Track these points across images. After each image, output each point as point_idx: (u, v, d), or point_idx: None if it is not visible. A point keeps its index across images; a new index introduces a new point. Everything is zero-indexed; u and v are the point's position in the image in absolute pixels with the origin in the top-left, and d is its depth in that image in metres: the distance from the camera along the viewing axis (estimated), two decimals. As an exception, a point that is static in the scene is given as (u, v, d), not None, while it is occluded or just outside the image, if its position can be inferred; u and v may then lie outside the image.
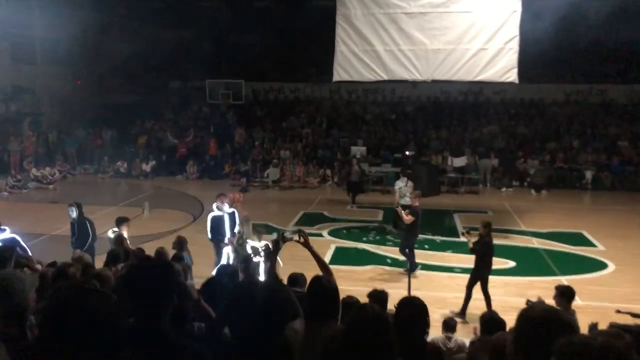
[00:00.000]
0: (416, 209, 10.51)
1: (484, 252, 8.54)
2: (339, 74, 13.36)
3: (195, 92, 25.12)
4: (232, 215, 9.80)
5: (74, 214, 9.28)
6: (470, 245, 8.79)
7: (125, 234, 8.56)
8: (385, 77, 13.24)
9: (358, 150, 20.24)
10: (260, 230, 9.48)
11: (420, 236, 11.21)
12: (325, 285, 3.37)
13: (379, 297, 4.89)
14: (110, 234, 8.70)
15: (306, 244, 4.29)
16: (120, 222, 8.78)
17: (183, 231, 11.81)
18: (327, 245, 12.14)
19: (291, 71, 25.90)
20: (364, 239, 12.99)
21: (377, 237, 13.13)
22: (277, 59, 26.34)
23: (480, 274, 8.54)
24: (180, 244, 8.21)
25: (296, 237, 4.32)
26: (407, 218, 10.37)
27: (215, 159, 21.91)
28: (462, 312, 8.34)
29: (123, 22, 23.72)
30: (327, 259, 10.32)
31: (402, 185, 12.89)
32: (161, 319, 2.19)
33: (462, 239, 12.75)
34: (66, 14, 17.68)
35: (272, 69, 26.42)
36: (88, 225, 9.26)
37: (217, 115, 24.87)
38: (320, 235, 13.03)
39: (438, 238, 12.88)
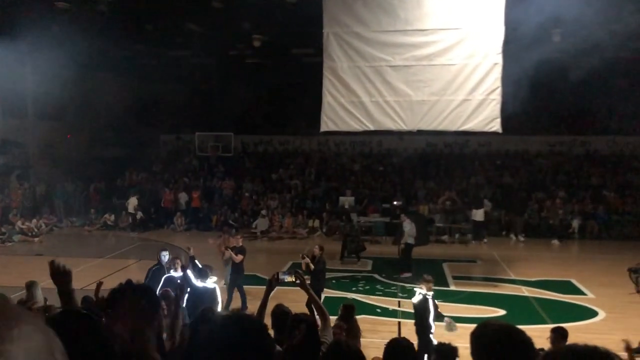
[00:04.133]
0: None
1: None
2: (327, 124, 13.57)
3: (185, 144, 25.34)
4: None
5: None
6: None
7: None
8: (372, 127, 13.46)
9: (346, 200, 20.34)
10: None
11: (411, 286, 11.17)
12: (345, 349, 3.00)
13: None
14: None
15: (302, 285, 4.11)
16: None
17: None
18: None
19: (281, 124, 26.32)
20: (353, 288, 12.89)
21: (367, 287, 13.03)
22: (267, 112, 26.81)
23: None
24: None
25: (291, 278, 4.14)
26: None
27: (201, 211, 21.86)
28: None
29: (114, 76, 24.11)
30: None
31: (410, 227, 14.06)
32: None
33: (453, 287, 12.85)
34: (57, 69, 17.95)
35: (261, 121, 26.85)
36: None
37: (205, 168, 25.01)
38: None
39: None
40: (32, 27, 14.73)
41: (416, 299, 8.08)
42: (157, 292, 8.62)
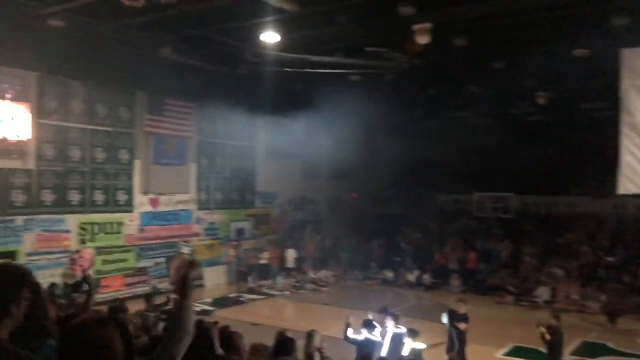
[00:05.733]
0: None
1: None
2: (626, 186, 11.92)
3: (463, 205, 25.26)
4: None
5: (444, 319, 10.32)
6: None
7: None
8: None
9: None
10: None
11: None
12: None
13: None
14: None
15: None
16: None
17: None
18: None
19: (566, 184, 24.28)
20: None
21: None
22: (551, 172, 25.05)
23: None
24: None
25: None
26: None
27: (476, 273, 21.18)
28: None
29: (395, 138, 25.54)
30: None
31: None
32: None
33: None
34: (347, 134, 19.88)
35: (544, 182, 25.13)
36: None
37: (483, 228, 24.36)
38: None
39: None
40: (328, 99, 16.60)
41: None
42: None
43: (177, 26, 13.15)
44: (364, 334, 9.03)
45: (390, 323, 9.41)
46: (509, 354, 12.75)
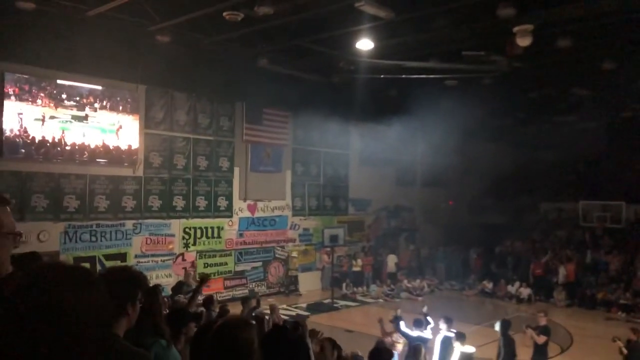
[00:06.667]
0: None
1: None
2: None
3: (567, 214, 23.90)
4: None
5: (497, 327, 10.21)
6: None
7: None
8: None
9: None
10: None
11: None
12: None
13: None
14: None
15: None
16: None
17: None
18: None
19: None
20: None
21: None
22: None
23: None
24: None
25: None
26: None
27: (582, 286, 19.86)
28: None
29: (494, 144, 24.69)
30: None
31: None
32: None
33: None
34: (442, 140, 19.48)
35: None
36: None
37: (589, 239, 22.85)
38: None
39: None
40: (423, 104, 16.35)
41: None
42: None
43: (274, 37, 13.54)
44: (416, 332, 9.46)
45: (443, 326, 9.74)
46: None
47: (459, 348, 9.19)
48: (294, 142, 20.30)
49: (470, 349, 9.40)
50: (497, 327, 10.25)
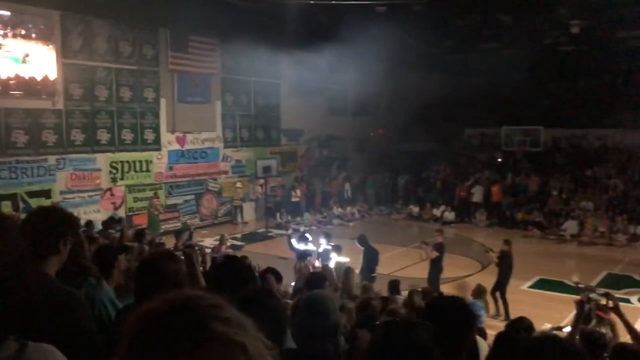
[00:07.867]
0: None
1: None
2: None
3: (491, 139, 24.94)
4: None
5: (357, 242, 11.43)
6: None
7: None
8: None
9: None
10: None
11: None
12: None
13: None
14: None
15: (616, 310, 3.86)
16: None
17: (471, 279, 11.60)
18: (638, 313, 10.46)
19: (598, 116, 23.65)
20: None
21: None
22: (582, 104, 24.40)
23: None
24: (480, 292, 8.68)
25: (604, 301, 3.94)
26: None
27: (503, 207, 21.14)
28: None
29: (421, 73, 25.03)
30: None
31: None
32: None
33: None
34: (372, 68, 19.53)
35: (575, 114, 24.54)
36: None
37: (510, 163, 24.12)
38: (628, 301, 11.33)
39: None
40: (354, 32, 16.21)
41: None
42: None
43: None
44: (301, 246, 11.16)
45: (323, 240, 11.45)
46: (533, 286, 12.89)
47: (335, 258, 10.52)
48: (222, 71, 19.74)
49: (344, 259, 10.64)
50: (357, 242, 11.46)
